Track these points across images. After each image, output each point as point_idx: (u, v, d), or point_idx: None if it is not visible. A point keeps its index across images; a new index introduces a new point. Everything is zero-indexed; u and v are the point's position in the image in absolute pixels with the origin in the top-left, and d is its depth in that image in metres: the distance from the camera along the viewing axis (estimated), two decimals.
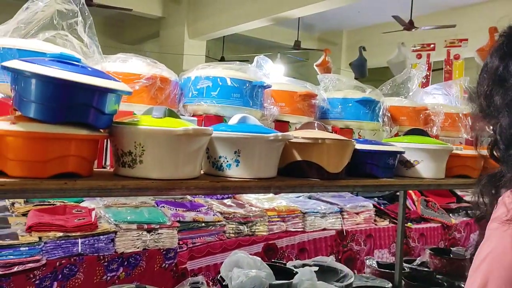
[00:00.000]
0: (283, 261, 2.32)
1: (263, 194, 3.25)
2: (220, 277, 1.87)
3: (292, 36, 8.51)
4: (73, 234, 2.09)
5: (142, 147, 0.90)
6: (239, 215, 2.76)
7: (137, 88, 1.13)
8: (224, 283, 1.79)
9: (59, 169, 0.83)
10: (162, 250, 2.34)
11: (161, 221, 2.37)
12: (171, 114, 1.01)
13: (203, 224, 2.56)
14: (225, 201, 3.02)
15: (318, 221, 3.06)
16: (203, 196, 3.10)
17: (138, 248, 2.26)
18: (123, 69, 1.16)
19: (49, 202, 2.41)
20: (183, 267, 2.43)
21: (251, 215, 2.80)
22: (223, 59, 8.95)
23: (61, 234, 2.06)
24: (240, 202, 3.06)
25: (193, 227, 2.53)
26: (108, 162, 1.06)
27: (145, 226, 2.30)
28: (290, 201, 3.23)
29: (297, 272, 1.92)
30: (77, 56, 0.97)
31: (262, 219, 2.84)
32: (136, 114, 1.04)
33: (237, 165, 1.06)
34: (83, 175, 0.89)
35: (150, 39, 9.73)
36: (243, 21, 7.19)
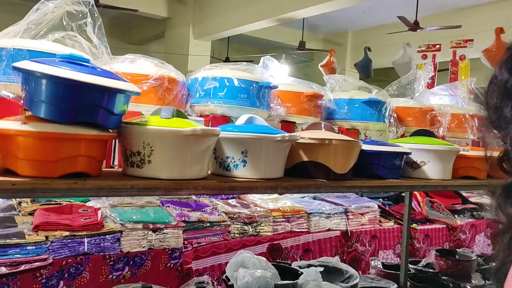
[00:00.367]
0: (288, 262, 2.33)
1: (268, 194, 3.25)
2: (225, 277, 1.88)
3: (297, 36, 8.50)
4: (79, 233, 2.10)
5: (150, 147, 0.90)
6: (244, 215, 2.76)
7: (145, 88, 1.13)
8: (229, 283, 1.80)
9: (69, 169, 0.84)
10: (167, 249, 2.35)
11: (167, 221, 2.38)
12: (179, 114, 1.01)
13: (208, 224, 2.56)
14: (230, 201, 3.02)
15: (323, 221, 3.05)
16: (208, 196, 3.11)
17: (143, 247, 2.27)
18: (131, 70, 1.16)
19: (56, 201, 2.42)
20: (188, 266, 2.43)
21: (256, 215, 2.80)
22: (228, 59, 8.97)
23: (68, 233, 2.07)
24: (245, 202, 3.06)
25: (198, 227, 2.53)
26: (116, 162, 1.07)
27: (151, 225, 2.31)
28: (295, 201, 3.23)
29: (302, 272, 1.92)
30: (86, 57, 0.97)
31: (267, 220, 2.85)
32: (144, 114, 1.05)
33: (244, 166, 1.07)
34: (92, 174, 0.90)
35: (155, 39, 9.76)
36: (248, 21, 7.19)
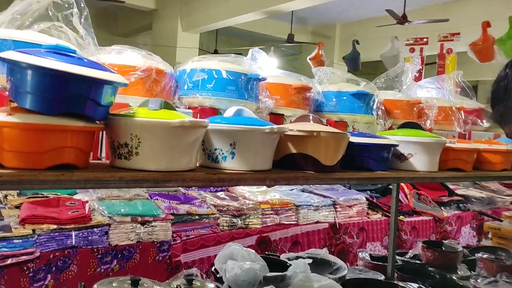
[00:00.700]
0: (277, 254, 2.34)
1: (256, 187, 3.26)
2: (214, 269, 1.88)
3: (285, 29, 8.49)
4: (67, 226, 2.09)
5: (138, 139, 0.90)
6: (233, 208, 2.77)
7: (133, 80, 1.12)
8: (218, 275, 1.80)
9: (55, 161, 0.83)
10: (156, 242, 2.34)
11: (155, 213, 2.37)
12: (167, 106, 1.01)
13: (197, 216, 2.57)
14: (219, 194, 3.02)
15: (311, 214, 3.07)
16: (197, 188, 3.11)
17: (132, 240, 2.26)
18: (118, 61, 1.15)
19: (42, 194, 2.40)
20: (177, 259, 2.43)
21: (245, 208, 2.81)
22: (216, 52, 8.91)
23: (55, 226, 2.05)
24: (233, 195, 3.07)
25: (186, 220, 2.53)
26: (103, 154, 1.06)
27: (139, 218, 2.30)
28: (283, 194, 3.25)
29: (290, 264, 1.93)
30: (73, 47, 0.96)
31: (255, 212, 2.86)
32: (131, 106, 1.04)
33: (233, 158, 1.07)
34: (79, 166, 0.89)
35: (143, 31, 9.66)
36: (236, 14, 7.16)
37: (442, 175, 1.49)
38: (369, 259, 2.58)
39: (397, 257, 2.55)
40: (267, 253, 2.33)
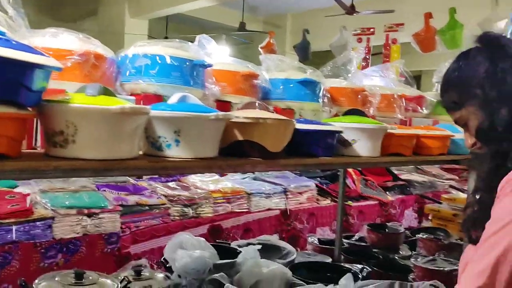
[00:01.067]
0: (228, 242, 2.35)
1: (208, 176, 3.25)
2: (164, 259, 1.86)
3: (237, 17, 8.43)
4: (7, 220, 2.00)
5: (74, 126, 0.86)
6: (184, 197, 2.75)
7: (69, 65, 1.07)
8: (168, 265, 1.78)
9: None
10: (103, 235, 2.29)
11: (102, 205, 2.32)
12: (106, 92, 0.97)
13: (147, 207, 2.53)
14: (170, 183, 2.99)
15: (263, 201, 3.11)
16: (147, 179, 3.05)
17: (77, 233, 2.19)
18: (53, 45, 1.09)
19: None
20: (127, 251, 2.39)
21: (196, 197, 2.80)
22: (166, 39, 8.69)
23: None
24: (185, 184, 3.04)
25: (136, 211, 2.48)
26: (38, 143, 1.01)
27: (85, 210, 2.23)
28: (235, 182, 3.26)
29: (241, 251, 1.94)
30: (2, 29, 0.90)
31: (207, 201, 2.85)
32: (68, 92, 0.99)
33: (177, 145, 1.05)
34: (11, 156, 0.85)
35: (88, 16, 9.24)
36: (187, 0, 7.01)
37: (383, 160, 1.55)
38: (318, 243, 2.65)
39: (344, 240, 2.64)
40: (217, 241, 2.34)
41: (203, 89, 1.35)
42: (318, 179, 3.67)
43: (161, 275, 1.71)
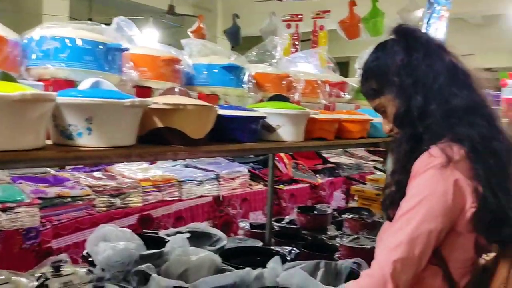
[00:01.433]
0: (156, 231, 2.30)
1: (136, 164, 3.15)
2: (86, 253, 1.78)
3: (166, 0, 8.17)
4: None
5: None
6: (110, 188, 2.65)
7: None
8: (90, 259, 1.71)
9: None
10: (21, 230, 2.15)
11: (18, 198, 2.17)
12: (7, 77, 0.89)
13: (69, 199, 2.41)
14: (95, 173, 2.86)
15: (194, 188, 3.08)
16: (70, 169, 2.90)
17: None
18: None
19: None
20: (48, 246, 2.27)
21: (124, 186, 2.71)
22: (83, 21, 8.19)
23: None
24: (111, 174, 2.93)
25: (57, 203, 2.36)
26: None
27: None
28: (166, 170, 3.20)
29: (169, 240, 1.91)
30: None
31: (136, 190, 2.77)
32: None
33: (90, 133, 0.99)
34: None
35: None
36: None
37: (307, 144, 1.58)
38: (249, 227, 2.68)
39: (275, 223, 2.69)
40: (145, 231, 2.28)
41: (120, 74, 1.28)
42: (251, 164, 3.70)
43: (83, 270, 1.63)
